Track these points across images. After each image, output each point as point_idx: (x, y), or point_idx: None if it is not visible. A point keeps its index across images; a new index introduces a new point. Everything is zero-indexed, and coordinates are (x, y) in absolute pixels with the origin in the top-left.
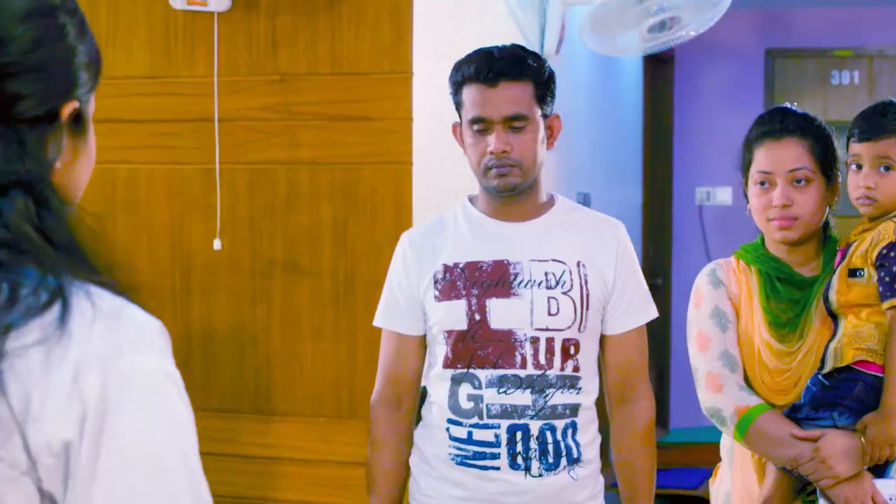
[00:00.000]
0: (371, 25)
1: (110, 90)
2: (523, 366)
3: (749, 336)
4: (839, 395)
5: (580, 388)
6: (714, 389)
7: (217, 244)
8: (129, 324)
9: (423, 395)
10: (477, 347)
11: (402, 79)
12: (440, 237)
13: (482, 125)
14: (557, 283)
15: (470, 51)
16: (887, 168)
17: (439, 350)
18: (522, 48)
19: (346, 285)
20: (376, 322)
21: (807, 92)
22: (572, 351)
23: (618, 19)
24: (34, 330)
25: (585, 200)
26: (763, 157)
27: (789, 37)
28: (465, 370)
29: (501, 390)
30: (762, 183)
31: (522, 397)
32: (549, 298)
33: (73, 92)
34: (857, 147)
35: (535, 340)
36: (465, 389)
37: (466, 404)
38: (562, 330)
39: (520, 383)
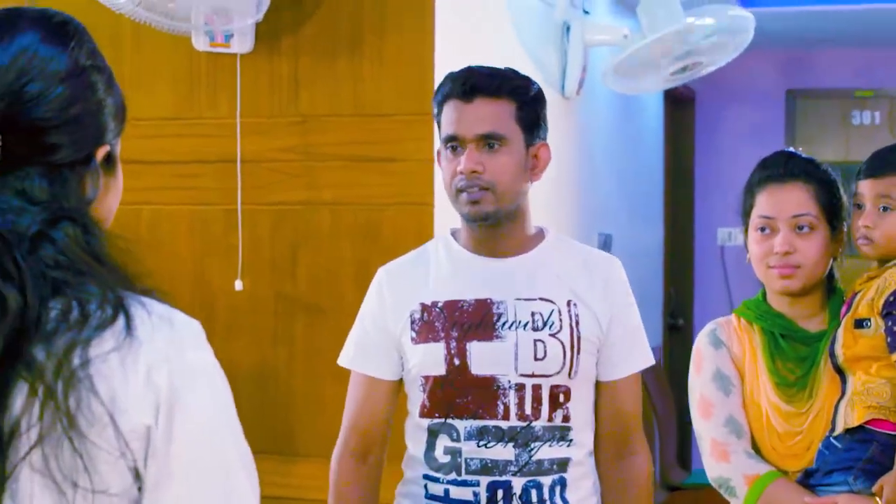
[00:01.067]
0: (393, 67)
1: (134, 131)
2: (506, 416)
3: (755, 399)
4: (853, 458)
5: (571, 441)
6: (720, 458)
7: (238, 285)
8: (180, 326)
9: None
10: (456, 395)
11: (424, 120)
12: (419, 273)
13: (455, 143)
14: (545, 324)
15: None
16: (885, 208)
17: (416, 397)
18: (513, 70)
19: None
20: (342, 361)
21: (828, 132)
22: (562, 399)
23: (643, 66)
24: (108, 339)
25: (607, 241)
26: (765, 202)
27: (810, 77)
28: (442, 420)
29: (481, 443)
30: (763, 229)
31: (504, 451)
32: (535, 341)
33: (104, 137)
34: (860, 185)
35: (519, 388)
36: (442, 441)
37: (443, 458)
38: (549, 376)
39: (501, 436)
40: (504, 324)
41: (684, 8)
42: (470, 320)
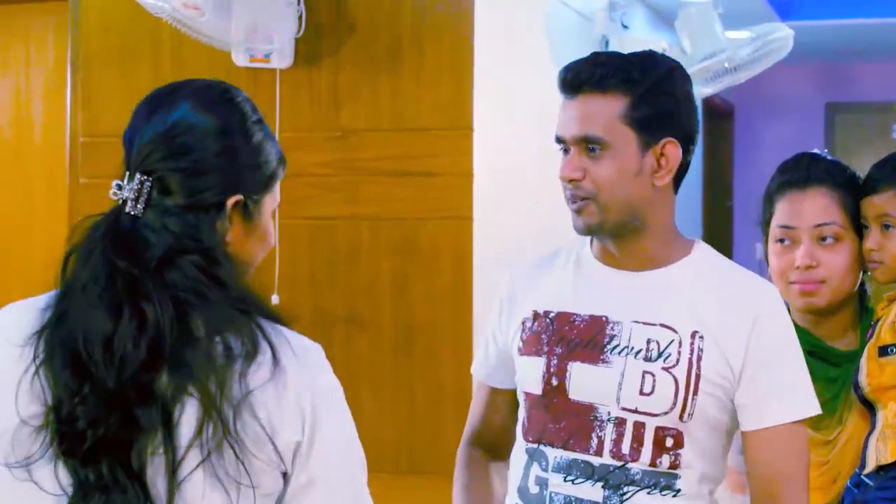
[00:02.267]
0: (432, 81)
1: None
2: (598, 452)
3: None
4: (888, 498)
5: (678, 492)
6: (735, 489)
7: (275, 299)
8: (312, 353)
9: None
10: (549, 419)
11: (463, 134)
12: (541, 277)
13: (562, 146)
14: (660, 354)
15: (527, 104)
16: (887, 226)
17: (520, 414)
18: (645, 56)
19: (405, 340)
20: (472, 369)
21: (867, 145)
22: (669, 443)
23: None
24: (264, 370)
25: None
26: (785, 210)
27: (849, 91)
28: (535, 445)
29: (569, 478)
30: (782, 240)
31: (592, 491)
32: (644, 373)
33: (236, 189)
34: (862, 205)
35: (619, 422)
36: (534, 470)
37: (533, 488)
38: (655, 415)
39: (591, 473)
40: (615, 348)
41: (722, 21)
42: (579, 337)
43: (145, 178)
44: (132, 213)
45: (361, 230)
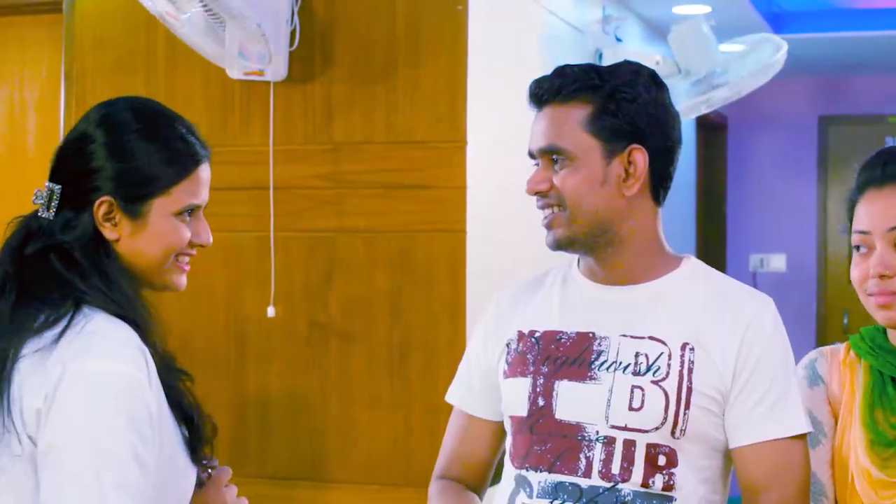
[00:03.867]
0: (426, 95)
1: None
2: (587, 473)
3: (843, 457)
4: None
5: None
6: None
7: (271, 311)
8: (98, 339)
9: None
10: (534, 442)
11: (457, 147)
12: (528, 298)
13: (534, 160)
14: (649, 368)
15: (521, 117)
16: None
17: (508, 440)
18: (615, 64)
19: (401, 353)
20: (447, 397)
21: (861, 159)
22: (662, 462)
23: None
24: (42, 342)
25: None
26: (861, 214)
27: (843, 104)
28: (520, 471)
29: (555, 503)
30: (858, 247)
31: None
32: (633, 387)
33: (104, 193)
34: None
35: (608, 441)
36: (520, 498)
37: None
38: (646, 431)
39: (579, 496)
40: (603, 364)
41: (715, 34)
42: (566, 355)
43: (53, 185)
44: (43, 215)
45: (356, 243)
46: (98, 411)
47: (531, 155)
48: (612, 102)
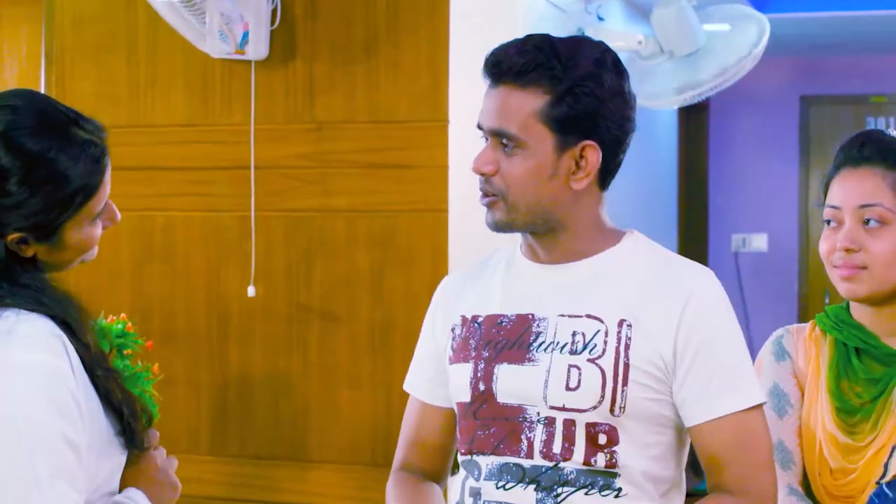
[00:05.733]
0: (408, 74)
1: (148, 138)
2: (529, 454)
3: (811, 427)
4: None
5: (619, 491)
6: None
7: (251, 291)
8: (17, 334)
9: None
10: (478, 426)
11: (439, 127)
12: (472, 282)
13: (482, 134)
14: (585, 346)
15: None
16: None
17: (457, 427)
18: (577, 45)
19: (382, 333)
20: (404, 384)
21: (842, 139)
22: (602, 440)
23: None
24: None
25: None
26: (835, 189)
27: (824, 83)
28: (469, 456)
29: (500, 484)
30: (829, 221)
31: (524, 495)
32: (569, 367)
33: (9, 229)
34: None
35: (549, 422)
36: (469, 482)
37: (468, 501)
38: (583, 411)
39: (522, 476)
40: (541, 345)
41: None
42: (506, 339)
43: None
44: None
45: (337, 223)
46: (23, 399)
47: (480, 127)
48: (571, 96)
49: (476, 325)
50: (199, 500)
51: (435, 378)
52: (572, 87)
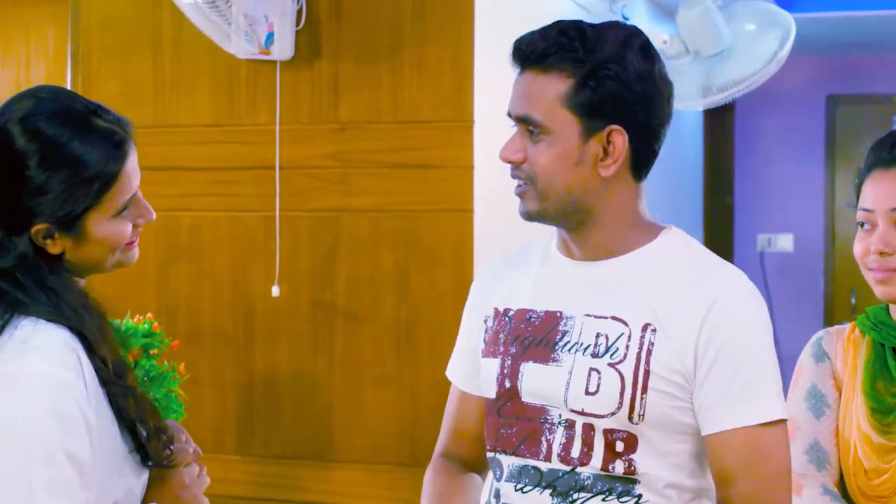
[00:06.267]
0: (433, 74)
1: (173, 138)
2: (547, 457)
3: (846, 425)
4: None
5: (639, 499)
6: (794, 490)
7: (275, 291)
8: (29, 344)
9: None
10: (502, 424)
11: (464, 127)
12: (508, 273)
13: (512, 123)
14: (607, 350)
15: None
16: None
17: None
18: (604, 28)
19: (407, 333)
20: (446, 370)
21: (869, 138)
22: (620, 448)
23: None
24: None
25: None
26: (867, 192)
27: (850, 83)
28: (493, 454)
29: (518, 487)
30: (863, 224)
31: (540, 499)
32: (590, 370)
33: (34, 221)
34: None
35: (569, 425)
36: (492, 481)
37: (492, 501)
38: (601, 416)
39: (539, 479)
40: (566, 345)
41: (722, 10)
42: (533, 335)
43: None
44: None
45: (361, 222)
46: (26, 411)
47: (509, 115)
48: (594, 79)
49: (507, 318)
50: (224, 500)
51: (472, 367)
52: (595, 70)
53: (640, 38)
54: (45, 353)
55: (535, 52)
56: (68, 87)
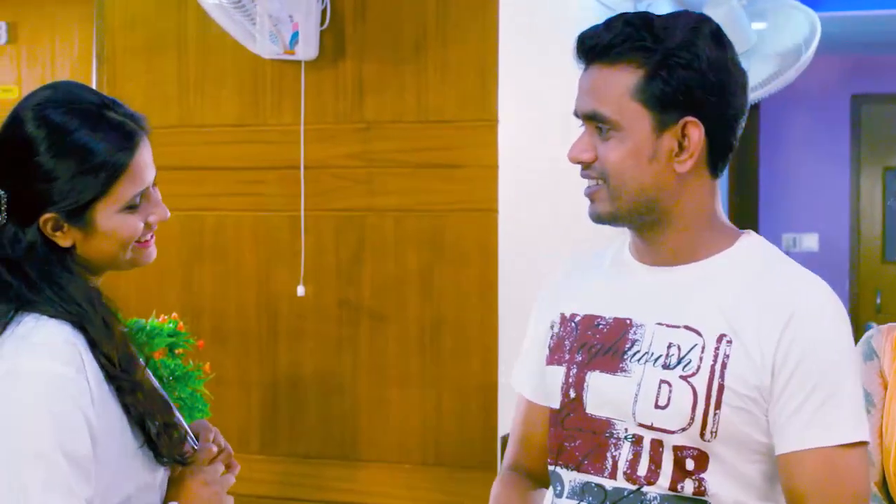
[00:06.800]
0: (457, 74)
1: (198, 138)
2: (612, 474)
3: (888, 426)
4: None
5: None
6: None
7: (300, 290)
8: (30, 340)
9: None
10: (565, 437)
11: (488, 126)
12: (577, 275)
13: (579, 122)
14: (679, 361)
15: (552, 96)
16: None
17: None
18: (672, 17)
19: (431, 332)
20: (512, 379)
21: (894, 137)
22: (691, 466)
23: None
24: None
25: None
26: None
27: (876, 82)
28: (553, 467)
29: None
30: None
31: None
32: (661, 382)
33: (43, 211)
34: None
35: (636, 440)
36: (552, 497)
37: None
38: (672, 432)
39: (603, 498)
40: (635, 354)
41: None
42: (601, 343)
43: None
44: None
45: (386, 222)
46: (22, 410)
47: (576, 114)
48: (665, 69)
49: (573, 324)
50: (249, 499)
51: (536, 374)
52: (666, 59)
53: (710, 25)
54: (44, 349)
55: (600, 44)
56: (93, 87)
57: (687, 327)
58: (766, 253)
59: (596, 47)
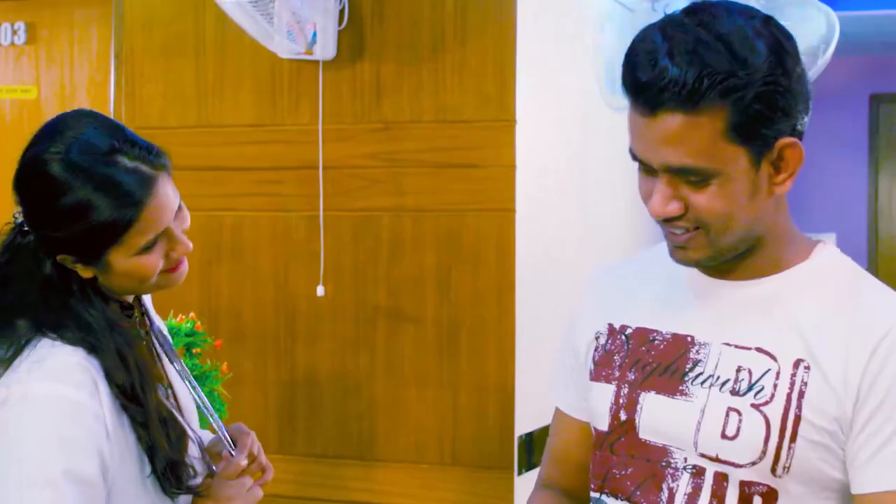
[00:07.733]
0: (475, 73)
1: (216, 138)
2: None
3: None
4: None
5: None
6: None
7: (320, 290)
8: (44, 364)
9: None
10: (614, 464)
11: (506, 126)
12: (626, 280)
13: (641, 165)
14: (750, 387)
15: (570, 96)
16: None
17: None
18: (738, 36)
19: (449, 333)
20: (549, 392)
21: None
22: (758, 503)
23: None
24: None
25: None
26: None
27: (894, 82)
28: (598, 494)
29: None
30: None
31: None
32: (728, 410)
33: (60, 251)
34: None
35: (697, 472)
36: None
37: None
38: (739, 466)
39: None
40: (698, 376)
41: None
42: (657, 361)
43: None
44: (22, 235)
45: (404, 222)
46: (28, 433)
47: (638, 160)
48: (760, 102)
49: (623, 337)
50: (267, 499)
51: (576, 389)
52: (760, 93)
53: (781, 32)
54: (56, 374)
55: (676, 90)
56: (111, 88)
57: (759, 349)
58: (844, 266)
59: (672, 95)
